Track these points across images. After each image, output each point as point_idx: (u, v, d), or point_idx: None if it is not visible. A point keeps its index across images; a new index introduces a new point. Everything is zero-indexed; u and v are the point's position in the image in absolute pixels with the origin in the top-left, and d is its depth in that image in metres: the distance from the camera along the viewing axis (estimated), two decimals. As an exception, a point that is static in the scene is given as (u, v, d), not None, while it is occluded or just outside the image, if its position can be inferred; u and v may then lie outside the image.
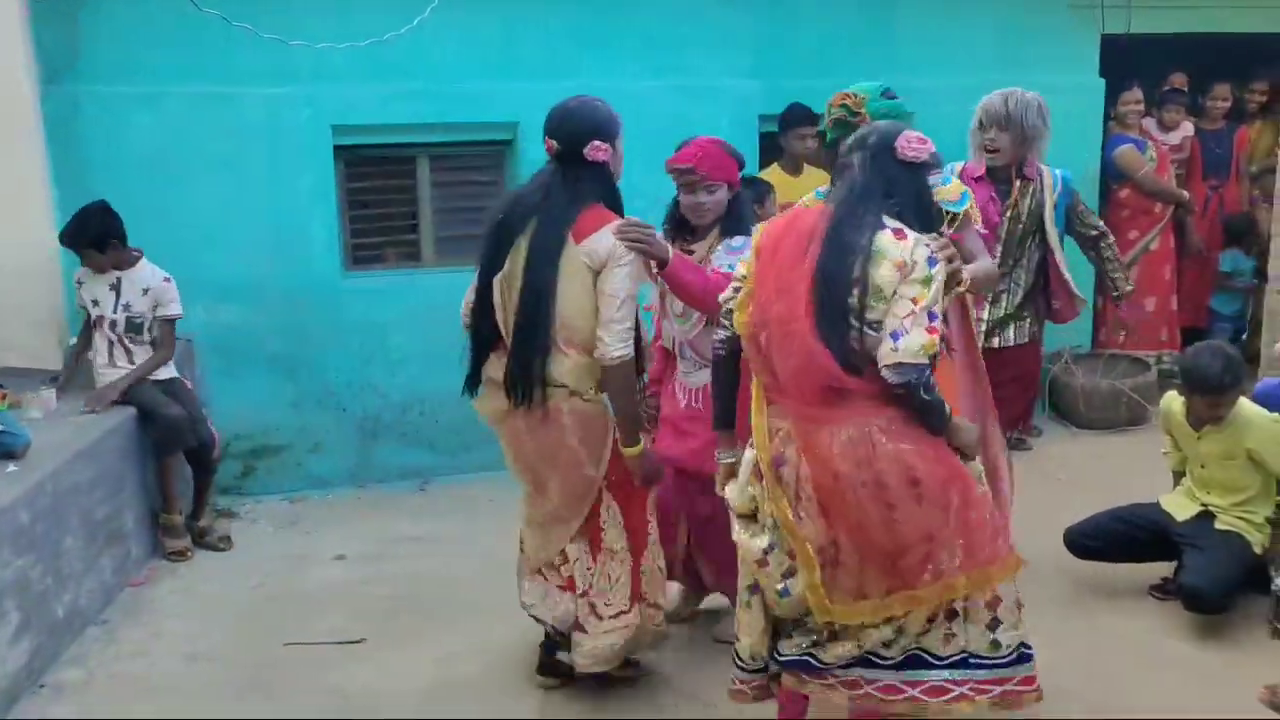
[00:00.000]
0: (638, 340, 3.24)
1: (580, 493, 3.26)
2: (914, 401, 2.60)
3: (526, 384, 3.16)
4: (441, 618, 4.11)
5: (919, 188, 2.81)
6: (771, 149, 5.80)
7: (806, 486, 2.67)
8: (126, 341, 4.65)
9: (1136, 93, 6.46)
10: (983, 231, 3.50)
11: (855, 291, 2.59)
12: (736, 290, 2.82)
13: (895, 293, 2.59)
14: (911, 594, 2.69)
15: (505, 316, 3.20)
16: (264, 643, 3.93)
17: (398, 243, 5.72)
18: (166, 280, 4.69)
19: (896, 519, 2.61)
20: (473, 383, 3.35)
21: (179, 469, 4.68)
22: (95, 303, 4.65)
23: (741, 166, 3.64)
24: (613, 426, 3.23)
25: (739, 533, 2.84)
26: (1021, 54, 6.25)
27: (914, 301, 2.59)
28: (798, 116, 5.56)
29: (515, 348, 3.17)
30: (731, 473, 2.95)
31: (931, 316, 2.59)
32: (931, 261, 2.63)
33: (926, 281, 2.60)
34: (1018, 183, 4.84)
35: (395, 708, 3.50)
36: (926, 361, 2.57)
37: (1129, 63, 6.44)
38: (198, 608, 4.24)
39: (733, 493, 2.88)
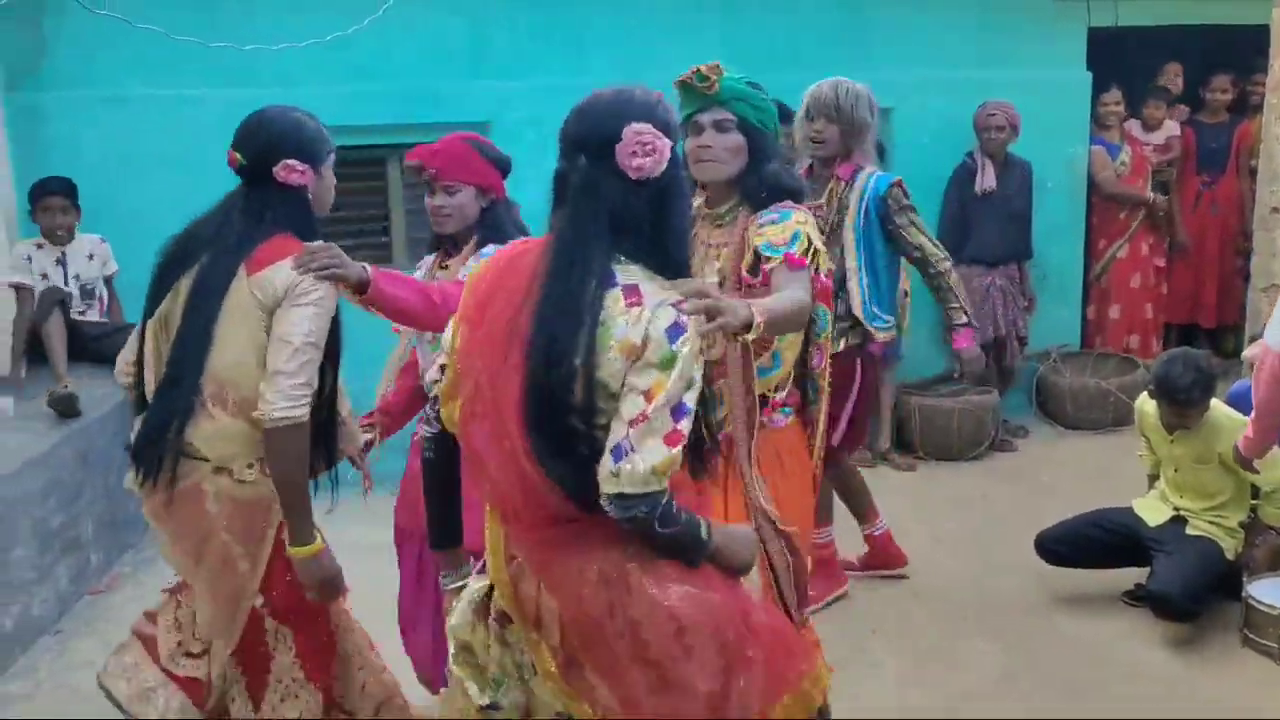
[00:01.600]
0: (330, 409, 2.64)
1: (230, 598, 2.57)
2: (646, 536, 1.90)
3: (154, 453, 2.50)
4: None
5: (663, 212, 1.95)
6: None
7: (553, 627, 1.97)
8: (77, 314, 4.76)
9: (1115, 94, 6.35)
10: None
11: (577, 392, 1.84)
12: (444, 370, 2.07)
13: (624, 386, 1.85)
14: None
15: (155, 370, 2.59)
16: (216, 652, 3.88)
17: (368, 245, 5.67)
18: (103, 240, 4.90)
19: (668, 680, 1.92)
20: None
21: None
22: (44, 276, 4.72)
23: (505, 172, 3.12)
24: (276, 519, 2.54)
25: (456, 670, 2.12)
26: (1004, 47, 6.14)
27: (646, 397, 1.82)
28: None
29: (151, 407, 2.56)
30: (452, 601, 2.24)
31: (678, 414, 1.84)
32: (674, 332, 1.84)
33: (667, 364, 1.84)
34: (831, 181, 4.08)
35: None
36: (661, 488, 1.85)
37: (1119, 56, 6.33)
38: (155, 616, 4.20)
39: (452, 622, 2.14)
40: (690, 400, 1.86)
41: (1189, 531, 3.89)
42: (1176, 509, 3.96)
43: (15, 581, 3.80)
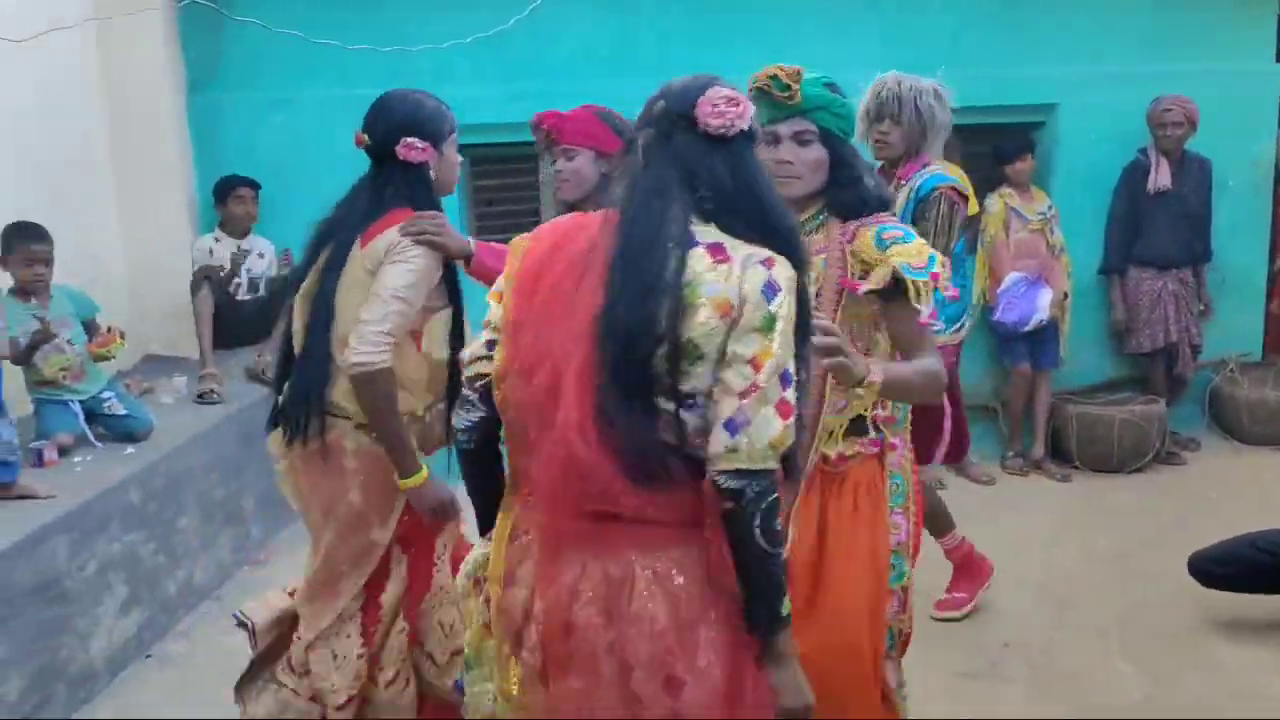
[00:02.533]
0: (455, 372, 2.69)
1: (358, 552, 2.74)
2: (743, 537, 1.69)
3: (302, 413, 2.67)
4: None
5: (743, 170, 1.80)
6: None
7: (532, 631, 1.82)
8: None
9: None
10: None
11: (660, 353, 1.68)
12: (491, 347, 1.89)
13: (723, 353, 1.69)
14: None
15: (300, 341, 2.76)
16: (357, 626, 4.08)
17: (521, 240, 5.83)
18: (272, 244, 5.18)
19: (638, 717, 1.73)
20: (273, 419, 2.83)
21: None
22: (223, 269, 5.03)
23: (630, 141, 3.15)
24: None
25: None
26: (1182, 36, 5.80)
27: (754, 366, 1.68)
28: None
29: (296, 370, 2.73)
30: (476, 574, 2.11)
31: (785, 381, 1.70)
32: (770, 291, 1.70)
33: (768, 327, 1.69)
34: (893, 184, 3.74)
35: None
36: (774, 466, 1.69)
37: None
38: (306, 589, 4.44)
39: (464, 568, 2.07)
40: (792, 368, 1.72)
41: (1361, 560, 3.60)
42: (1348, 534, 3.67)
43: (180, 549, 4.10)
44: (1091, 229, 5.73)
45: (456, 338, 2.76)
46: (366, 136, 2.74)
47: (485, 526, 2.04)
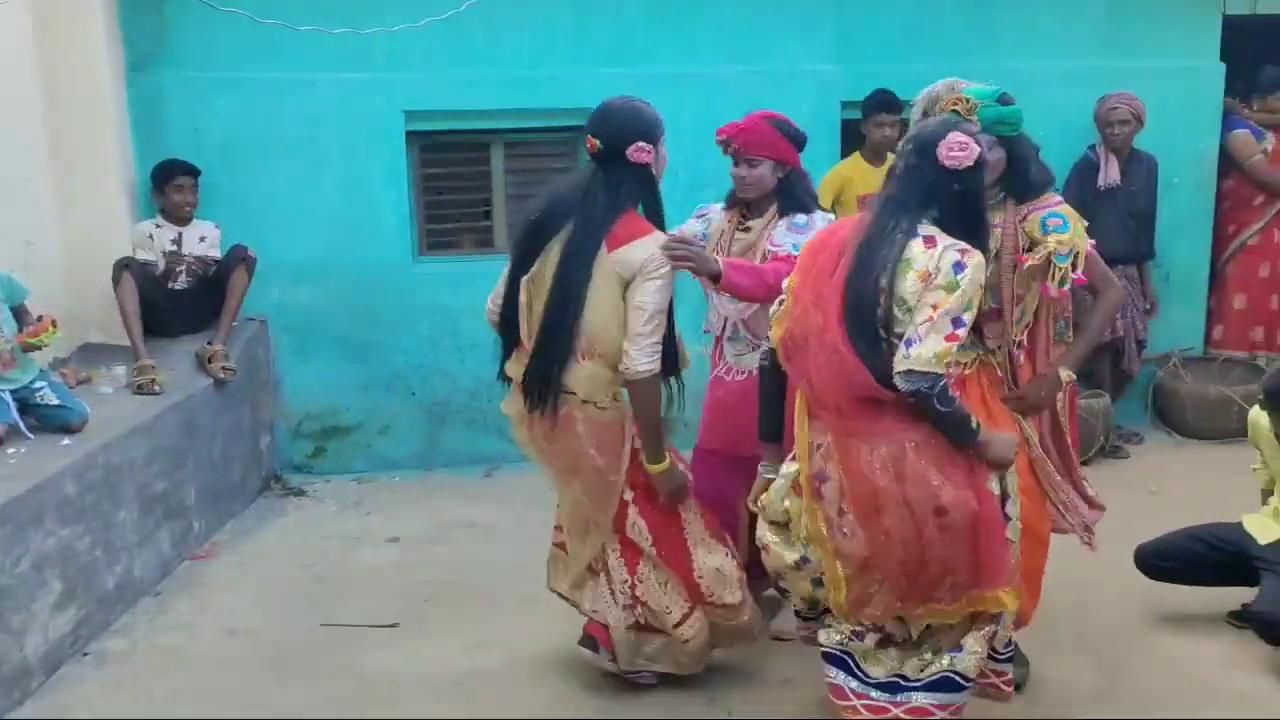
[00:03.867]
0: (672, 351, 3.19)
1: (603, 497, 3.22)
2: (929, 413, 2.59)
3: (543, 390, 3.12)
4: (479, 605, 4.12)
5: (965, 194, 2.71)
6: (855, 136, 5.59)
7: (846, 502, 2.69)
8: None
9: None
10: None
11: (882, 303, 2.59)
12: (781, 302, 2.84)
13: (919, 301, 2.58)
14: (931, 607, 2.76)
15: (529, 319, 3.17)
16: (303, 621, 3.99)
17: (471, 229, 5.75)
18: (216, 227, 5.10)
19: (922, 540, 2.64)
20: (504, 378, 3.34)
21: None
22: (164, 254, 4.94)
23: (800, 146, 3.61)
24: (630, 435, 3.18)
25: (769, 537, 2.90)
26: (1133, 35, 5.87)
27: (934, 308, 2.56)
28: (878, 103, 5.35)
29: (536, 353, 3.14)
30: (766, 487, 2.94)
31: (956, 324, 2.56)
32: (958, 267, 2.59)
33: (951, 287, 2.58)
34: None
35: (412, 694, 3.51)
36: (940, 371, 2.55)
37: (1257, 46, 5.97)
38: (249, 584, 4.35)
39: (769, 499, 2.90)
40: (968, 317, 2.59)
41: (1302, 552, 3.66)
42: (1290, 528, 3.73)
43: (118, 543, 3.98)
44: (1041, 224, 5.76)
45: (670, 329, 3.17)
46: (597, 141, 3.10)
47: (766, 431, 3.02)
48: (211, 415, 4.73)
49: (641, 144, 3.07)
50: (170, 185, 4.92)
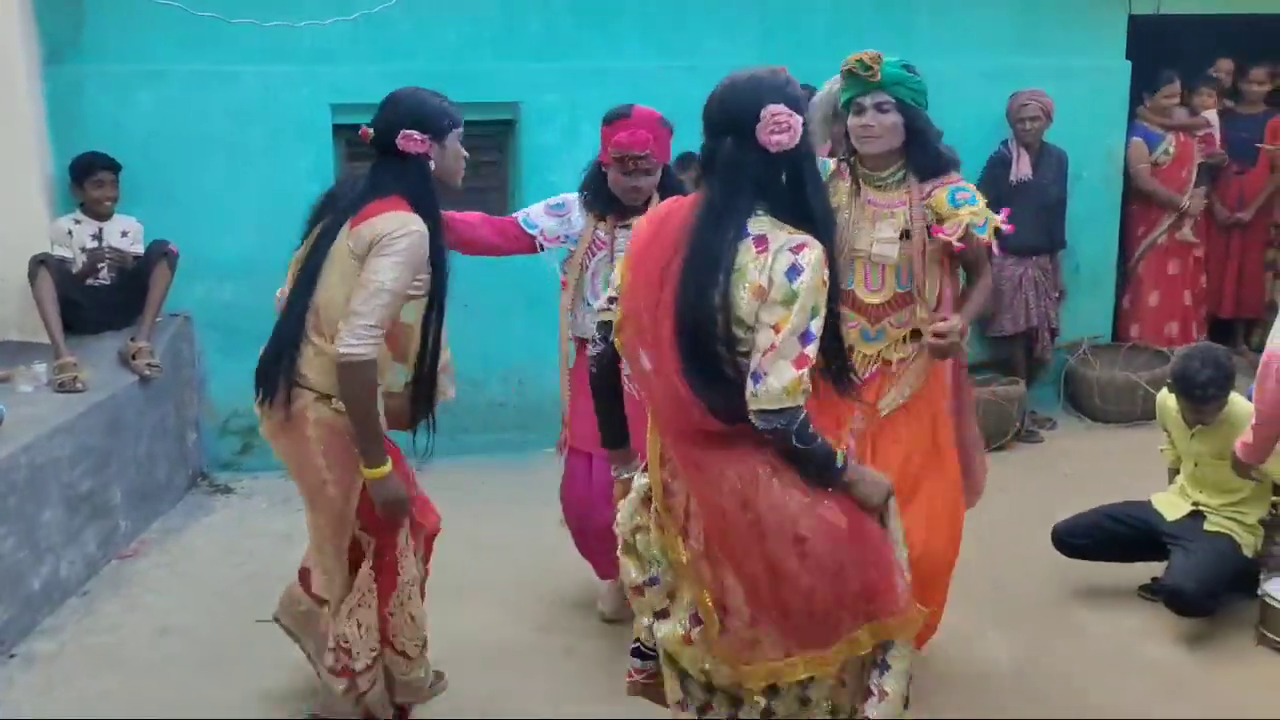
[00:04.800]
0: (430, 380, 2.93)
1: (330, 517, 2.91)
2: (785, 449, 2.27)
3: (271, 377, 2.82)
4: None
5: (797, 176, 2.29)
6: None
7: (696, 524, 2.38)
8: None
9: (1176, 86, 6.23)
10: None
11: (720, 323, 2.21)
12: (613, 302, 2.47)
13: (757, 321, 2.21)
14: (812, 657, 2.36)
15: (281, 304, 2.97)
16: (236, 619, 3.95)
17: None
18: (138, 222, 5.00)
19: (781, 574, 2.31)
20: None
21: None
22: (83, 250, 4.84)
23: (671, 136, 3.52)
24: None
25: (620, 555, 2.58)
26: (1044, 35, 6.08)
27: (774, 330, 2.18)
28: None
29: (273, 335, 2.89)
30: (627, 489, 2.63)
31: (805, 340, 2.19)
32: (793, 273, 2.18)
33: (789, 300, 2.18)
34: None
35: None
36: (795, 404, 2.20)
37: (1163, 46, 6.22)
38: (179, 583, 4.29)
39: (621, 517, 2.58)
40: (815, 327, 2.20)
41: (1207, 527, 3.85)
42: (1195, 504, 3.93)
43: (43, 543, 3.90)
44: (955, 218, 5.94)
45: (432, 321, 2.89)
46: (371, 131, 2.87)
47: (607, 441, 2.72)
48: (136, 413, 4.65)
49: (410, 132, 2.79)
50: (89, 180, 4.82)
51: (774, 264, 2.19)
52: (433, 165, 2.85)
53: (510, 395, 5.71)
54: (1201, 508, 3.91)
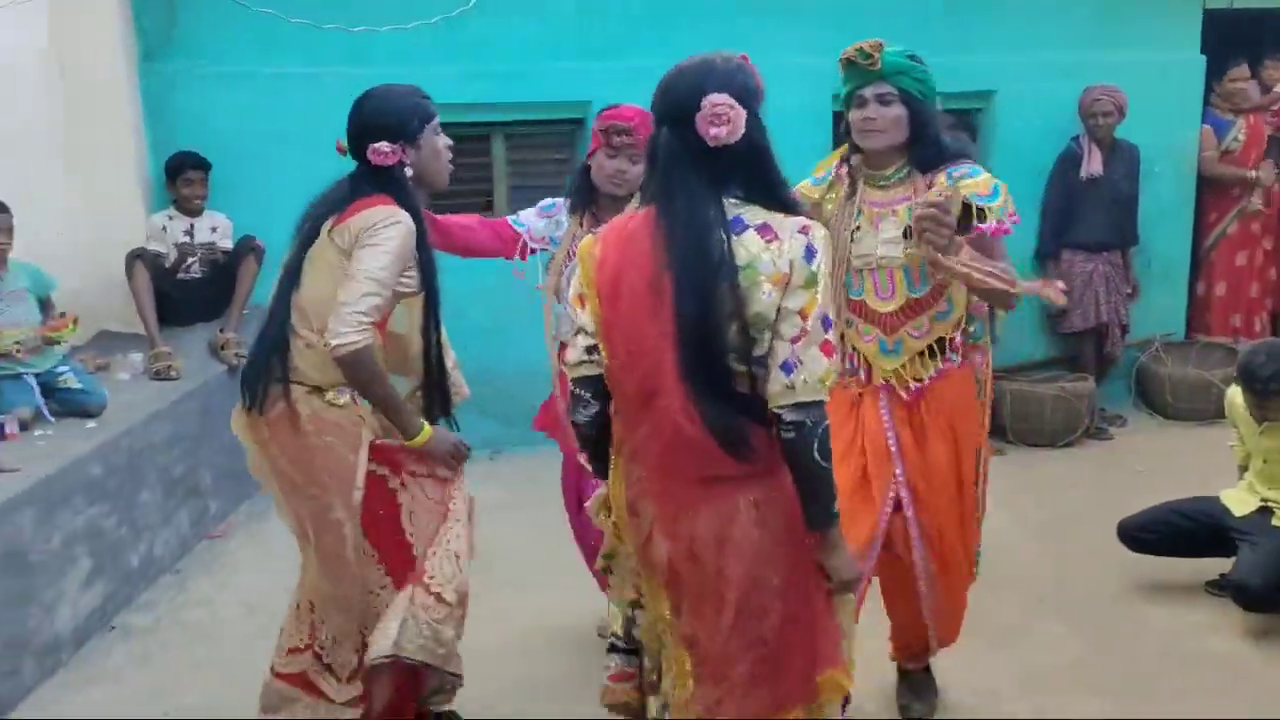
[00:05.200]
0: (443, 383, 2.90)
1: (326, 524, 2.81)
2: (803, 459, 2.06)
3: (255, 377, 2.75)
4: (495, 579, 4.22)
5: (755, 161, 2.11)
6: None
7: (659, 551, 2.19)
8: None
9: (1244, 69, 6.17)
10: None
11: (734, 333, 2.03)
12: (591, 350, 2.18)
13: (779, 313, 2.04)
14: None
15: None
16: (320, 598, 4.13)
17: (474, 219, 5.88)
18: (228, 219, 5.21)
19: (725, 622, 2.15)
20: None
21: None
22: (176, 245, 5.07)
23: None
24: (364, 445, 2.75)
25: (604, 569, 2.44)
26: (1118, 29, 6.04)
27: (801, 315, 2.03)
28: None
29: (257, 337, 2.83)
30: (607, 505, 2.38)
31: (826, 324, 2.05)
32: (809, 255, 2.05)
33: (811, 283, 2.04)
34: None
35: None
36: (826, 397, 2.04)
37: (1237, 40, 6.15)
38: (266, 562, 4.47)
39: (591, 504, 2.45)
40: (831, 312, 2.07)
41: (1275, 523, 3.83)
42: (1264, 500, 3.91)
43: (141, 523, 4.12)
44: (1026, 213, 5.88)
45: (430, 324, 2.86)
46: (343, 140, 2.80)
47: (599, 474, 2.38)
48: (225, 400, 4.82)
49: (378, 145, 2.70)
50: (180, 178, 5.06)
51: (790, 248, 2.05)
52: (409, 171, 2.76)
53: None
54: (1270, 504, 3.89)
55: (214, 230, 5.15)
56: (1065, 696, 3.42)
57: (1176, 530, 4.02)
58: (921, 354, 2.92)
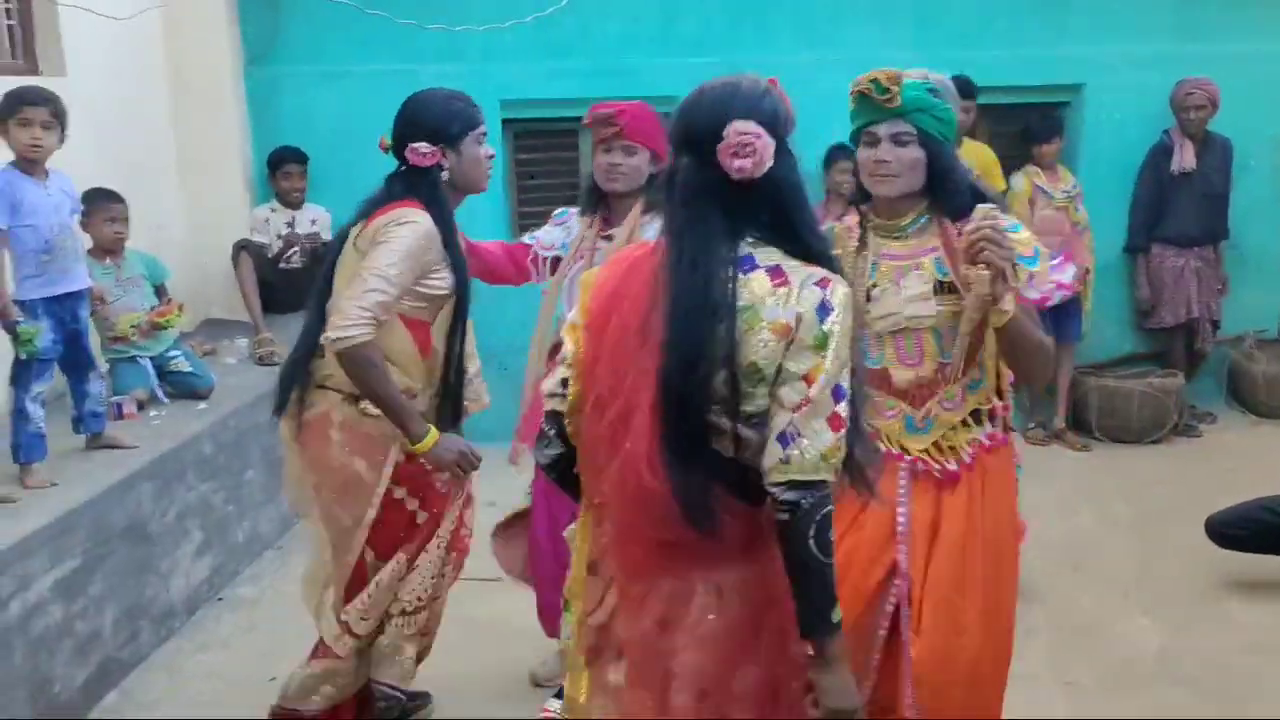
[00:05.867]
0: (457, 392, 2.88)
1: (344, 528, 2.83)
2: (796, 548, 1.77)
3: (288, 384, 2.78)
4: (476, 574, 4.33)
5: (780, 195, 1.84)
6: (931, 121, 5.76)
7: (614, 648, 1.94)
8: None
9: None
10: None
11: (721, 376, 1.76)
12: (565, 384, 1.94)
13: (779, 370, 1.78)
14: None
15: None
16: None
17: (560, 212, 6.03)
18: (326, 211, 5.37)
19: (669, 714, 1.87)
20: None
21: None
22: (279, 237, 5.27)
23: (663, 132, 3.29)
24: (393, 455, 2.76)
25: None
26: (1208, 18, 5.93)
27: (806, 381, 1.76)
28: (958, 89, 5.49)
29: (296, 345, 2.83)
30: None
31: (838, 396, 1.77)
32: (823, 311, 1.77)
33: (821, 345, 1.77)
34: None
35: (518, 639, 3.77)
36: (829, 478, 1.76)
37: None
38: (361, 541, 4.68)
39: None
40: (845, 382, 1.78)
41: (1369, 521, 3.78)
42: (1356, 498, 3.85)
43: (246, 500, 4.33)
44: (1116, 207, 5.89)
45: (456, 331, 2.83)
46: (387, 138, 2.82)
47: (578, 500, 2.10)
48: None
49: (417, 145, 2.72)
50: (280, 172, 5.29)
51: (800, 298, 1.78)
52: (446, 175, 2.77)
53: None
54: (1363, 501, 3.84)
55: (314, 222, 5.36)
56: (1146, 688, 3.42)
57: (1265, 527, 3.98)
58: (954, 428, 2.49)
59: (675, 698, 1.84)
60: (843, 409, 1.77)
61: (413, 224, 2.64)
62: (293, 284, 5.31)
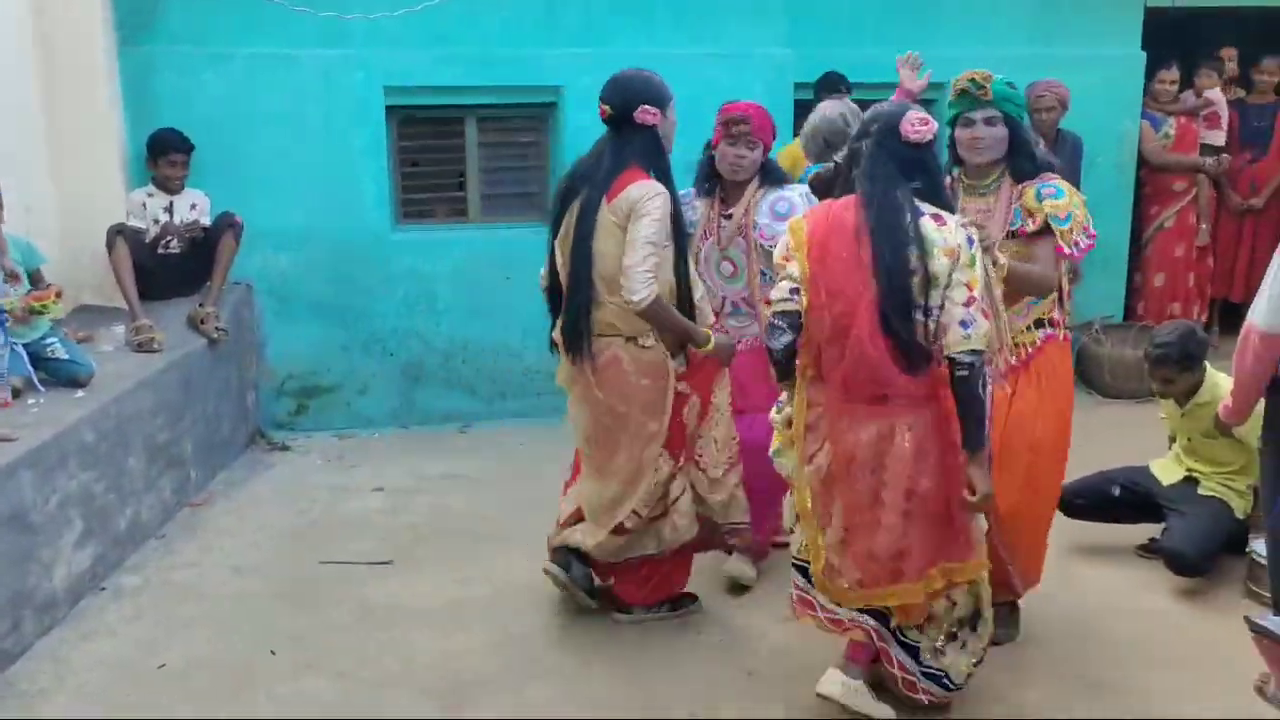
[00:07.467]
0: (684, 293, 3.50)
1: (648, 437, 3.53)
2: (971, 390, 2.83)
3: (576, 336, 3.45)
4: (464, 544, 4.47)
5: (931, 166, 2.96)
6: (805, 116, 5.96)
7: (823, 458, 2.99)
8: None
9: (1173, 72, 6.50)
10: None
11: (915, 282, 2.81)
12: (794, 293, 2.97)
13: (950, 280, 2.82)
14: (890, 590, 2.99)
15: (564, 276, 3.52)
16: (303, 560, 4.32)
17: (446, 199, 6.05)
18: (205, 195, 5.32)
19: (881, 519, 2.94)
20: (552, 344, 3.65)
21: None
22: (156, 222, 5.18)
23: (775, 137, 4.04)
24: (673, 375, 3.51)
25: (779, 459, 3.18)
26: (1061, 24, 6.34)
27: (968, 288, 2.82)
28: (830, 84, 5.73)
29: (567, 304, 3.48)
30: (789, 422, 3.12)
31: (984, 296, 2.86)
32: (969, 242, 2.85)
33: (972, 264, 2.84)
34: None
35: (411, 618, 3.86)
36: (985, 348, 2.83)
37: (1177, 38, 6.47)
38: (247, 528, 4.65)
39: (774, 414, 3.19)
40: (982, 289, 2.85)
41: (1201, 492, 4.14)
42: (1189, 470, 4.21)
43: (128, 488, 4.26)
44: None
45: (682, 262, 3.51)
46: (608, 107, 3.43)
47: (783, 376, 3.09)
48: (204, 373, 5.01)
49: (647, 107, 3.38)
50: (163, 159, 5.15)
51: (955, 233, 2.84)
52: (661, 133, 3.44)
53: (544, 362, 6.04)
54: (1194, 473, 4.19)
55: (193, 208, 5.27)
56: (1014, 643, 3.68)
57: (1110, 498, 4.31)
58: (1023, 331, 3.47)
59: (885, 494, 2.92)
60: (988, 306, 2.86)
61: (661, 194, 3.35)
62: (170, 270, 5.23)
